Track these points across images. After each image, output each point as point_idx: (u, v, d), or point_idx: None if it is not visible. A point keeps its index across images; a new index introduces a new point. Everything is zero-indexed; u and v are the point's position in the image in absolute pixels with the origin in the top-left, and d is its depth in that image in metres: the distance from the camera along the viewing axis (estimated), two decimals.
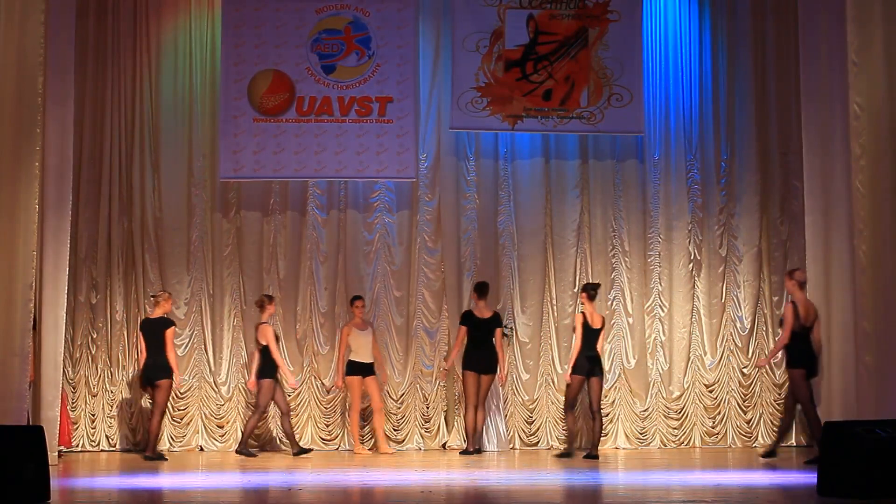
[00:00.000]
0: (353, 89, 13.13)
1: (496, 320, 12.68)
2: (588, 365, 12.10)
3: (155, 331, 12.04)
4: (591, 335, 12.16)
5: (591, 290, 12.32)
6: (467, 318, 12.64)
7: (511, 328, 13.19)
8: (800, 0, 12.23)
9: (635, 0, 13.31)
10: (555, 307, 13.41)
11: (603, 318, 12.49)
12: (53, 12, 11.20)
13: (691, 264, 13.53)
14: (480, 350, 12.52)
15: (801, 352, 11.57)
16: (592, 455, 12.01)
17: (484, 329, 12.56)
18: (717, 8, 13.73)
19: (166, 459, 11.92)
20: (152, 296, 12.53)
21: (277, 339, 12.59)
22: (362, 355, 12.58)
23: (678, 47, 13.72)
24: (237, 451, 12.42)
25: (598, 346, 12.27)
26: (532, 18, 13.23)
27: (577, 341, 12.15)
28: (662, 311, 13.50)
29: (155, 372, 11.95)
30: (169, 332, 12.02)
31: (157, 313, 12.19)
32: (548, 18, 13.25)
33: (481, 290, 12.71)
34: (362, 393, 12.61)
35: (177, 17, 13.47)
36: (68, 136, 11.80)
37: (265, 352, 12.35)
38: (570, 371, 12.17)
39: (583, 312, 12.22)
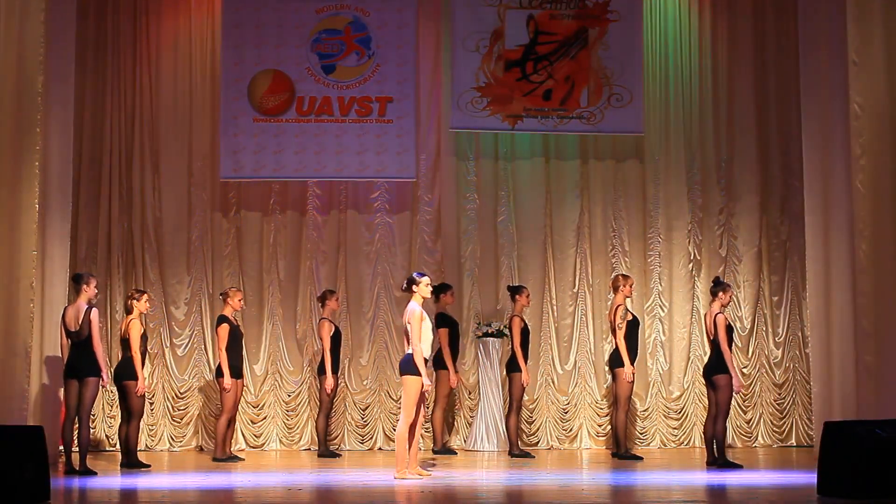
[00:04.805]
0: (353, 89, 13.13)
1: None
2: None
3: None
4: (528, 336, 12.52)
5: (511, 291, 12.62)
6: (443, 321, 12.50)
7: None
8: (799, 0, 12.24)
9: (635, 0, 13.32)
10: (555, 307, 13.41)
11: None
12: (53, 12, 11.19)
13: (691, 264, 13.53)
14: None
15: None
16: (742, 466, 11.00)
17: None
18: (717, 8, 13.73)
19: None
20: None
21: (339, 335, 12.44)
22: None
23: (678, 47, 13.72)
24: (319, 455, 12.27)
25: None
26: (532, 18, 13.24)
27: (722, 344, 10.95)
28: (662, 311, 13.50)
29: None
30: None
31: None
32: (548, 18, 13.25)
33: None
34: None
35: (177, 17, 13.47)
36: (69, 136, 11.80)
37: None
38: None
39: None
